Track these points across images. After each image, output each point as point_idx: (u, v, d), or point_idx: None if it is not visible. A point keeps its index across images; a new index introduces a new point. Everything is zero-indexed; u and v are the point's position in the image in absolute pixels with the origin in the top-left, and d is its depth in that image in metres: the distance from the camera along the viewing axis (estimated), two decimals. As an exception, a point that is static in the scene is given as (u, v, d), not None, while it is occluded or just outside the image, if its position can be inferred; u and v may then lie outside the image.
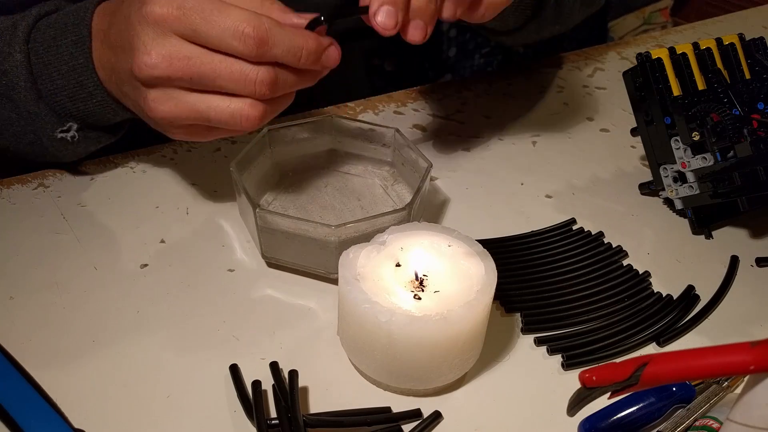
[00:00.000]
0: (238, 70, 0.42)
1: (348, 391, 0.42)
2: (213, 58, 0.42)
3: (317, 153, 0.59)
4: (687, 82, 0.55)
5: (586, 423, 0.37)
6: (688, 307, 0.49)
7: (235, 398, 0.41)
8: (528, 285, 0.50)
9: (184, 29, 0.42)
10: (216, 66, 0.42)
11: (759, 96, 0.54)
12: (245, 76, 0.42)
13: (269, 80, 0.43)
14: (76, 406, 0.40)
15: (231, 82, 0.42)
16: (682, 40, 0.89)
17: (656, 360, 0.28)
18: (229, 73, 0.42)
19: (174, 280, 0.49)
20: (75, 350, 0.43)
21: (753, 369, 0.26)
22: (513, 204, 0.59)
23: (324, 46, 0.44)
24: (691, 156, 0.53)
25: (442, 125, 0.68)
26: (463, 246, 0.43)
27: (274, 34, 0.42)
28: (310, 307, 0.48)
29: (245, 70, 0.42)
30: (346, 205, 0.55)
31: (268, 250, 0.49)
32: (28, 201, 0.54)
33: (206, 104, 0.44)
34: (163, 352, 0.44)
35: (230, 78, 0.42)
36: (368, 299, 0.39)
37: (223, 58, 0.42)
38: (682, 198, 0.56)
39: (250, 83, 0.42)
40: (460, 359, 0.41)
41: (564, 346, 0.46)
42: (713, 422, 0.36)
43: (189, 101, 0.44)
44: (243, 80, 0.42)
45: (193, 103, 0.44)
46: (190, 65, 0.42)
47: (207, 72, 0.42)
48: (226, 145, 0.63)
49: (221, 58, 0.42)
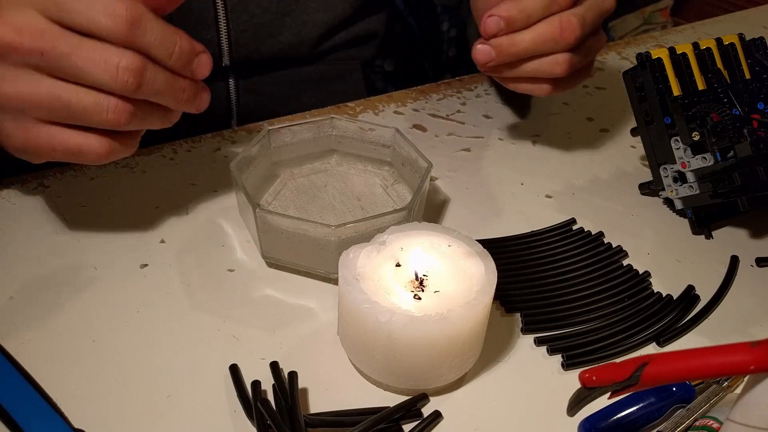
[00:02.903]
0: (100, 52, 0.38)
1: (348, 391, 0.42)
2: (73, 35, 0.38)
3: (317, 153, 0.59)
4: (687, 82, 0.55)
5: (586, 423, 0.37)
6: (688, 307, 0.49)
7: (235, 398, 0.41)
8: (528, 285, 0.50)
9: (47, 2, 0.38)
10: (74, 43, 0.38)
11: (759, 96, 0.54)
12: (107, 59, 0.38)
13: (135, 67, 0.39)
14: (76, 406, 0.40)
15: (91, 63, 0.38)
16: (682, 40, 0.89)
17: (656, 360, 0.28)
18: (89, 53, 0.38)
19: (174, 280, 0.49)
20: (75, 350, 0.43)
21: (753, 369, 0.26)
22: (513, 204, 0.59)
23: (197, 51, 0.42)
24: (691, 156, 0.53)
25: (442, 125, 0.68)
26: (463, 246, 0.43)
27: (148, 19, 0.39)
28: (310, 307, 0.48)
29: (108, 53, 0.38)
30: (346, 205, 0.55)
31: (268, 250, 0.49)
32: (28, 201, 0.54)
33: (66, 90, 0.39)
34: (163, 352, 0.44)
35: (90, 59, 0.38)
36: (368, 299, 0.39)
37: (85, 38, 0.38)
38: (682, 198, 0.56)
39: (111, 67, 0.38)
40: (460, 359, 0.41)
41: (564, 346, 0.46)
42: (713, 422, 0.36)
43: (42, 82, 0.39)
44: (104, 63, 0.38)
45: (48, 86, 0.39)
46: (43, 39, 0.37)
47: (63, 49, 0.37)
48: (226, 145, 0.63)
49: (82, 38, 0.38)
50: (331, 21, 0.72)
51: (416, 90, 0.74)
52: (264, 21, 0.68)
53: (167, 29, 0.40)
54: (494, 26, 0.50)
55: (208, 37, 0.67)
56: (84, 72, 0.38)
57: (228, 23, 0.67)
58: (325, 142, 0.58)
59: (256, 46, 0.69)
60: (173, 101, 0.43)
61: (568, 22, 0.50)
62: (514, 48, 0.51)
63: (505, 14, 0.50)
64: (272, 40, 0.70)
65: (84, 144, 0.41)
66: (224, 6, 0.66)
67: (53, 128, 0.41)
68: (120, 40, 0.38)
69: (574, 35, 0.50)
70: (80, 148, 0.41)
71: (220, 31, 0.67)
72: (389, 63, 0.86)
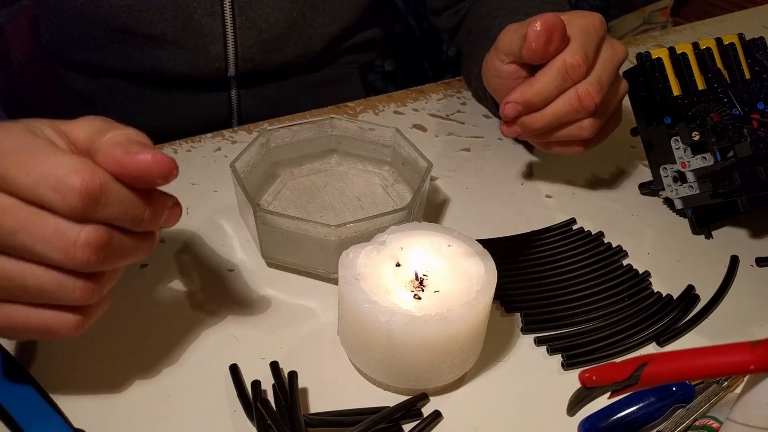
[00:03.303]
0: (52, 227, 0.32)
1: (348, 391, 0.42)
2: (21, 208, 0.32)
3: (317, 153, 0.59)
4: (687, 82, 0.55)
5: (586, 423, 0.37)
6: (688, 307, 0.49)
7: (235, 398, 0.41)
8: (528, 285, 0.50)
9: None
10: (22, 218, 0.32)
11: (759, 96, 0.54)
12: (61, 236, 0.32)
13: (96, 243, 0.32)
14: (76, 406, 0.40)
15: (41, 241, 0.32)
16: (682, 40, 0.89)
17: (656, 360, 0.28)
18: (38, 229, 0.32)
19: (174, 280, 0.49)
20: (75, 350, 0.43)
21: (753, 369, 0.26)
22: (513, 204, 0.59)
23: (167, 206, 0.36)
24: (691, 156, 0.53)
25: (442, 125, 0.68)
26: (463, 246, 0.43)
27: (109, 190, 0.32)
28: (310, 307, 0.48)
29: (62, 228, 0.32)
30: (346, 205, 0.55)
31: (268, 250, 0.49)
32: (28, 201, 0.54)
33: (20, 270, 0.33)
34: (163, 352, 0.44)
35: (40, 236, 0.32)
36: (368, 299, 0.39)
37: (35, 210, 0.32)
38: (682, 198, 0.56)
39: (68, 245, 0.32)
40: (460, 359, 0.41)
41: (564, 346, 0.45)
42: (713, 422, 0.36)
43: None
44: (57, 240, 0.32)
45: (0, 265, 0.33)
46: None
47: (8, 225, 0.32)
48: (226, 145, 0.63)
49: (32, 210, 0.32)
50: (335, 33, 0.73)
51: (416, 90, 0.74)
52: (271, 36, 0.69)
53: (132, 197, 0.33)
54: (513, 112, 0.51)
55: (215, 52, 0.67)
56: (35, 251, 0.32)
57: (236, 39, 0.67)
58: (325, 142, 0.58)
59: (262, 60, 0.70)
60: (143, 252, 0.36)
61: (585, 93, 0.50)
62: (538, 124, 0.52)
63: (521, 100, 0.50)
64: (278, 53, 0.70)
65: (51, 320, 0.34)
66: (233, 22, 0.66)
67: (11, 307, 0.34)
68: (75, 218, 0.32)
69: (593, 103, 0.50)
70: (47, 325, 0.34)
71: (227, 45, 0.67)
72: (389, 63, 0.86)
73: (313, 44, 0.72)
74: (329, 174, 0.58)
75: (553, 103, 0.51)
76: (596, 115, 0.52)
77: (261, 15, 0.67)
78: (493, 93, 0.57)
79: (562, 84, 0.50)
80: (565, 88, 0.50)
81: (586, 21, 0.51)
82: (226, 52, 0.68)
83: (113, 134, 0.34)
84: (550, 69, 0.50)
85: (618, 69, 0.53)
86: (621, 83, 0.54)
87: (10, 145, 0.32)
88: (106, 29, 0.65)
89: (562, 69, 0.49)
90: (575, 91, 0.50)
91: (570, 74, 0.49)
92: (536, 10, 0.63)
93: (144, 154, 0.33)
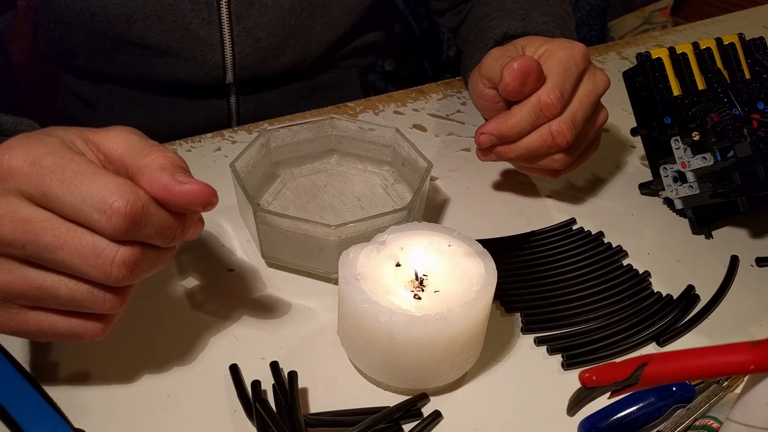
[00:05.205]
0: (90, 245, 0.33)
1: (348, 391, 0.42)
2: (60, 224, 0.33)
3: (317, 153, 0.59)
4: (687, 82, 0.55)
5: (586, 423, 0.37)
6: (688, 307, 0.49)
7: (235, 398, 0.41)
8: (528, 285, 0.50)
9: (33, 190, 0.33)
10: (61, 235, 0.33)
11: (759, 96, 0.54)
12: (99, 254, 0.33)
13: (132, 262, 0.34)
14: (76, 406, 0.40)
15: (80, 258, 0.33)
16: (682, 40, 0.89)
17: (656, 360, 0.28)
18: (77, 246, 0.33)
19: (174, 280, 0.49)
20: (75, 351, 0.43)
21: (753, 369, 0.26)
22: (513, 204, 0.59)
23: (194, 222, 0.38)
24: (691, 156, 0.53)
25: (442, 125, 0.68)
26: (463, 246, 0.43)
27: (149, 212, 0.34)
28: (310, 307, 0.48)
29: (100, 247, 0.33)
30: (346, 205, 0.55)
31: (268, 250, 0.49)
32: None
33: (54, 282, 0.34)
34: (163, 352, 0.44)
35: (79, 253, 0.33)
36: (368, 299, 0.39)
37: (73, 227, 0.33)
38: (682, 198, 0.56)
39: (105, 263, 0.33)
40: (460, 359, 0.41)
41: (564, 346, 0.45)
42: (713, 422, 0.36)
43: (26, 274, 0.34)
44: (95, 258, 0.33)
45: (33, 278, 0.34)
46: (26, 229, 0.33)
47: (48, 241, 0.33)
48: (227, 145, 0.63)
49: (71, 227, 0.33)
50: (333, 39, 0.73)
51: (416, 90, 0.74)
52: (269, 44, 0.69)
53: (168, 218, 0.35)
54: (488, 142, 0.53)
55: (213, 60, 0.67)
56: (72, 266, 0.33)
57: (233, 48, 0.67)
58: (325, 142, 0.58)
59: (260, 67, 0.70)
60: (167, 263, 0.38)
61: (558, 131, 0.50)
62: (511, 155, 0.53)
63: (496, 132, 0.52)
64: (276, 60, 0.70)
65: (77, 326, 0.36)
66: (230, 31, 0.66)
67: (41, 314, 0.36)
68: (116, 238, 0.33)
69: (566, 141, 0.51)
70: (74, 331, 0.36)
71: (225, 54, 0.67)
72: (389, 63, 0.87)
73: (311, 51, 0.72)
74: (329, 174, 0.58)
75: (526, 137, 0.52)
76: (569, 150, 0.53)
77: (258, 23, 0.67)
78: (478, 110, 0.59)
79: (536, 120, 0.51)
80: (539, 125, 0.51)
81: (567, 54, 0.52)
82: (224, 61, 0.68)
83: (156, 156, 0.35)
84: (526, 105, 0.51)
85: (597, 102, 0.53)
86: (599, 115, 0.55)
87: (53, 163, 0.33)
88: (103, 38, 0.65)
89: (537, 106, 0.50)
90: (548, 128, 0.51)
91: (544, 112, 0.50)
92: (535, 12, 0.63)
93: (191, 183, 0.35)
